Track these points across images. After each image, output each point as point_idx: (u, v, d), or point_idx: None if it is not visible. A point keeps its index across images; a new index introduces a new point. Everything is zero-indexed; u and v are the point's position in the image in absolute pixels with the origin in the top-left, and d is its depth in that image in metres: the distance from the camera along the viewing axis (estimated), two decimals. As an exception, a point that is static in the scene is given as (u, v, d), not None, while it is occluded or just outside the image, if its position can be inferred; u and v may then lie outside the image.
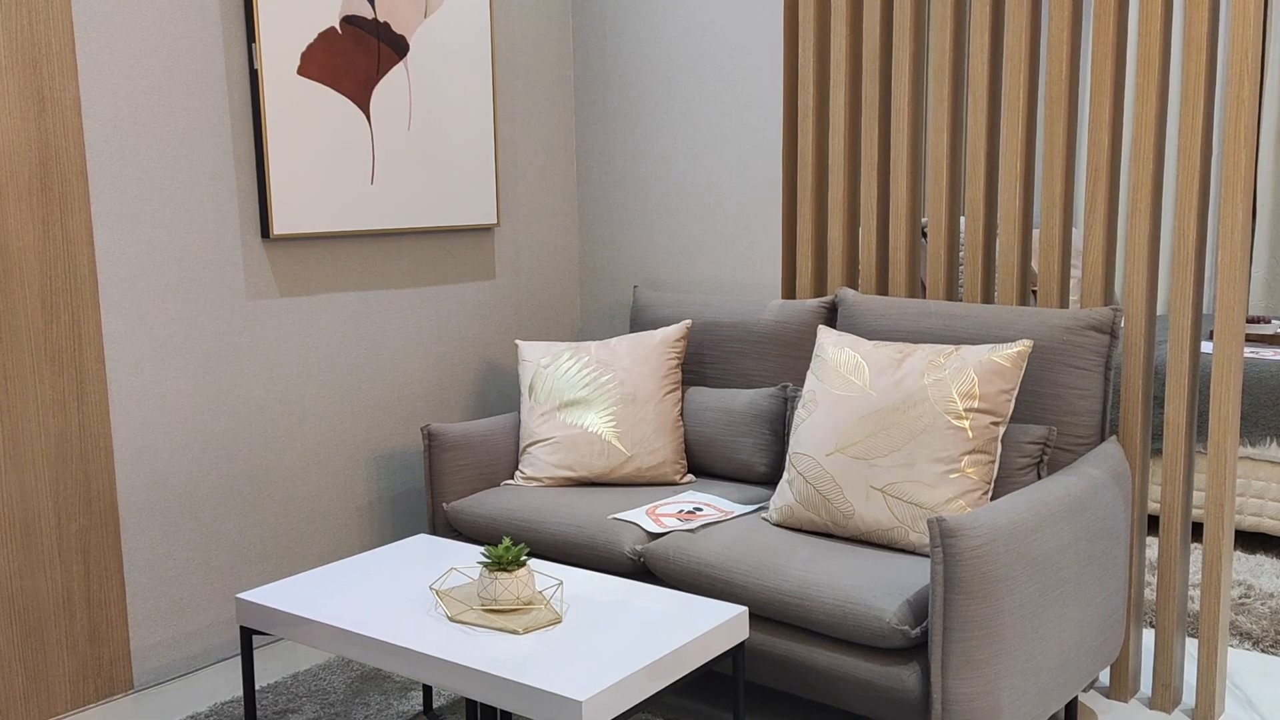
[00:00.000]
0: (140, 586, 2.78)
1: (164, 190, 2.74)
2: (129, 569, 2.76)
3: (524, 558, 2.16)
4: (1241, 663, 2.90)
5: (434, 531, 3.04)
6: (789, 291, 3.29)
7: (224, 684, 2.86)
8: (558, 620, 2.10)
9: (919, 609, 2.14)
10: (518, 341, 3.23)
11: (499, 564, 2.13)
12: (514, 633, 2.05)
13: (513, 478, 3.11)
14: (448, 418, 3.49)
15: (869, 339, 2.80)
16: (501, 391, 3.67)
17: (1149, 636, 3.04)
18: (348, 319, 3.17)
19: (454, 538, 2.99)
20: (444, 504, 2.99)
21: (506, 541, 2.15)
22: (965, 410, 2.39)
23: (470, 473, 3.05)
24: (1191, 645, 3.01)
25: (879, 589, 2.18)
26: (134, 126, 2.67)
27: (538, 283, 3.73)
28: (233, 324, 2.90)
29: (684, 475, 3.06)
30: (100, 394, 2.65)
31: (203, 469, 2.87)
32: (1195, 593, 3.32)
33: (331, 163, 3.03)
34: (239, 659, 2.99)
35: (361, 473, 3.25)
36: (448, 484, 3.02)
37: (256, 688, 2.82)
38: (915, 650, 2.15)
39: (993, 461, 2.40)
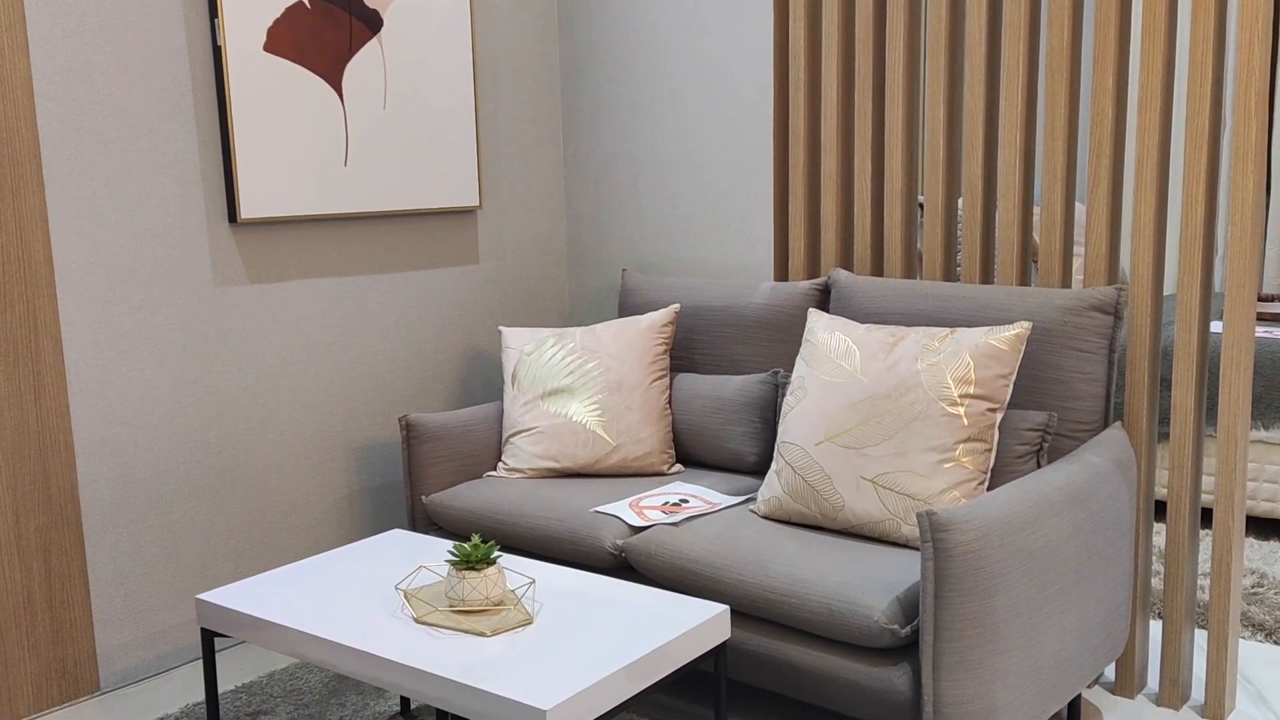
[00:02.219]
0: (105, 585, 2.69)
1: (123, 173, 2.63)
2: (93, 567, 2.66)
3: (495, 555, 2.06)
4: (1254, 655, 2.78)
5: (413, 525, 2.93)
6: (781, 273, 3.17)
7: (195, 685, 2.77)
8: (528, 621, 1.99)
9: (909, 607, 2.03)
10: (501, 328, 3.12)
11: (467, 562, 2.03)
12: (481, 635, 1.94)
13: (495, 469, 3.01)
14: (430, 407, 3.38)
15: (862, 322, 2.68)
16: (487, 380, 3.56)
17: (1158, 629, 2.92)
18: (323, 306, 3.06)
19: (434, 531, 2.88)
20: (423, 497, 2.89)
21: (475, 539, 2.04)
22: (960, 396, 2.27)
23: (451, 464, 2.94)
24: (1201, 638, 2.88)
25: (868, 586, 2.06)
26: (90, 107, 2.56)
27: (523, 267, 3.61)
28: (199, 312, 2.79)
29: (672, 465, 2.95)
30: (59, 387, 2.55)
31: (169, 463, 2.77)
32: (1206, 582, 3.19)
33: (302, 144, 2.91)
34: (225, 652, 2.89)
35: (340, 464, 3.14)
36: (427, 476, 2.91)
37: (231, 688, 2.73)
38: (906, 650, 2.04)
39: (989, 450, 2.28)
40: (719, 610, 2.02)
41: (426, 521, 2.91)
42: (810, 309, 2.66)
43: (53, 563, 2.58)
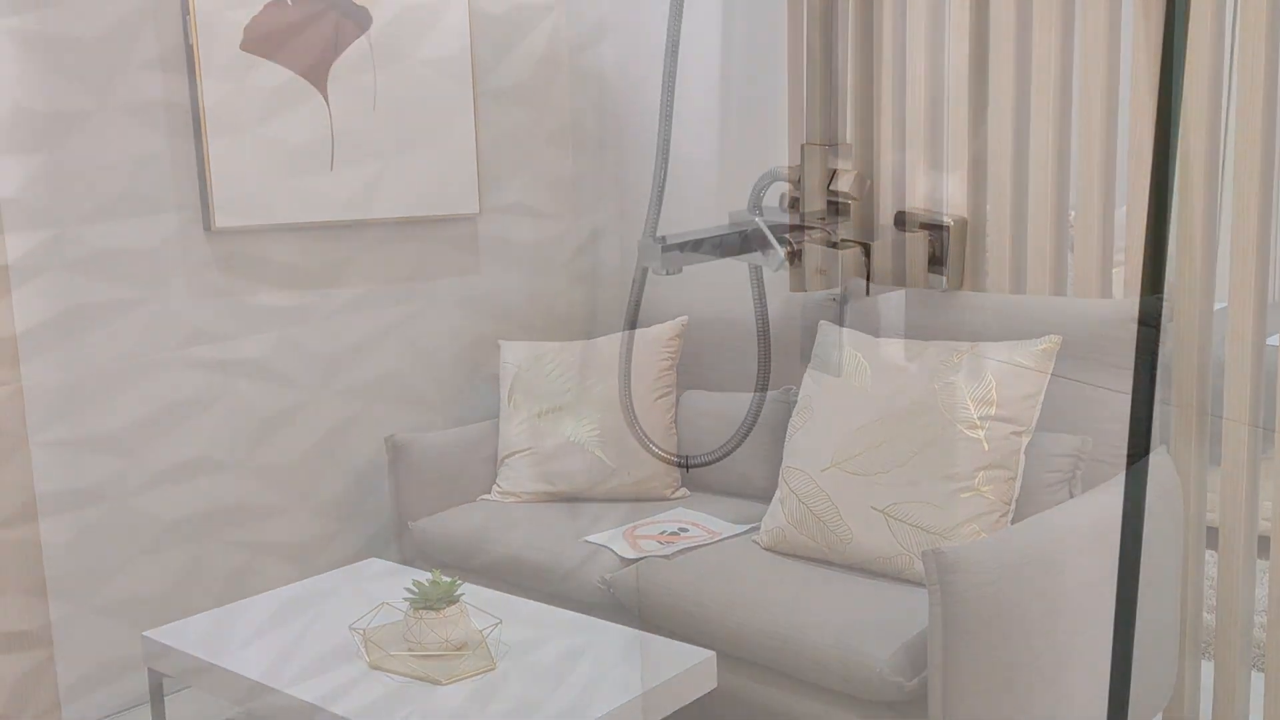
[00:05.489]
0: (67, 615, 2.53)
1: (85, 179, 2.47)
2: (53, 595, 2.50)
3: (458, 593, 1.87)
4: (1318, 704, 2.51)
5: (400, 553, 2.75)
6: (799, 281, 2.95)
7: (167, 721, 2.61)
8: (490, 668, 1.80)
9: (918, 656, 1.80)
10: (500, 341, 2.94)
11: (426, 601, 1.84)
12: (436, 683, 1.75)
13: (490, 493, 2.82)
14: (429, 426, 3.20)
15: (880, 335, 2.46)
16: (490, 397, 3.37)
17: (1211, 672, 2.65)
18: (308, 318, 2.89)
19: (420, 560, 2.70)
20: (409, 523, 2.71)
21: (436, 574, 1.86)
22: (980, 419, 2.04)
23: (442, 487, 2.76)
24: (1260, 682, 2.61)
25: (872, 631, 1.84)
26: (49, 108, 2.41)
27: (530, 276, 3.42)
28: (172, 325, 2.63)
29: (676, 490, 2.74)
30: (15, 406, 2.40)
31: (138, 484, 2.61)
32: (1264, 619, 2.92)
33: (283, 147, 2.75)
34: (185, 693, 2.73)
35: (329, 487, 2.97)
36: (415, 500, 2.73)
37: (202, 726, 2.56)
38: (914, 703, 1.81)
39: (1013, 478, 2.05)
40: (704, 656, 1.82)
41: (415, 549, 2.73)
42: (821, 321, 2.45)
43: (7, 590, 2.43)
